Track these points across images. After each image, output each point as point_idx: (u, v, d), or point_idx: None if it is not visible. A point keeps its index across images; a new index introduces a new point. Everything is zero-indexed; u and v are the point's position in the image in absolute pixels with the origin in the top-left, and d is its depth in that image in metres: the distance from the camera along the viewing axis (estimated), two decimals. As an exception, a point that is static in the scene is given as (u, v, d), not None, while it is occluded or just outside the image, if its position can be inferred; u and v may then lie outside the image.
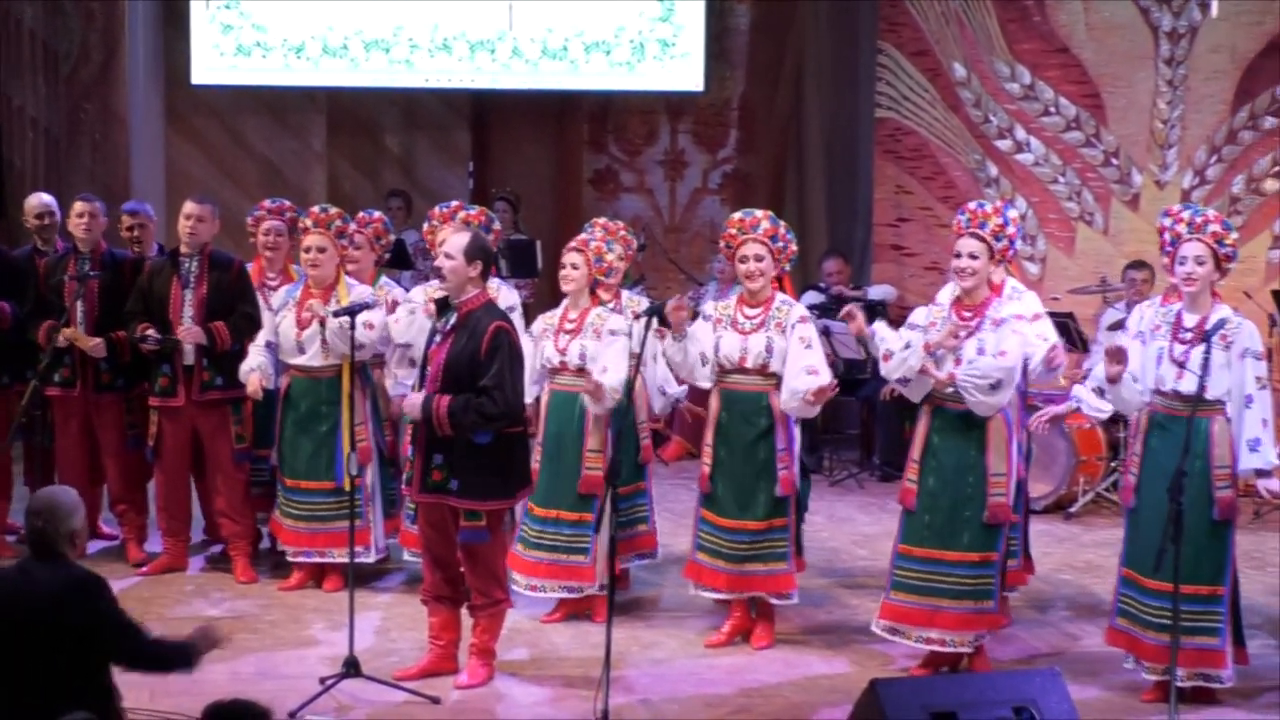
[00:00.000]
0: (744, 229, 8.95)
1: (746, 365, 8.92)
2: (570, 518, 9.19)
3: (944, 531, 8.42)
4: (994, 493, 8.36)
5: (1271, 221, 13.51)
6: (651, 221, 15.93)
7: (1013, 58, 14.07)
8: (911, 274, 14.54)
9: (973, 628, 8.44)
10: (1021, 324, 8.50)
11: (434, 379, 8.04)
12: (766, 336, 8.87)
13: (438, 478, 8.07)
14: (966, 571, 8.39)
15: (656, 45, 15.35)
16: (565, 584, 9.26)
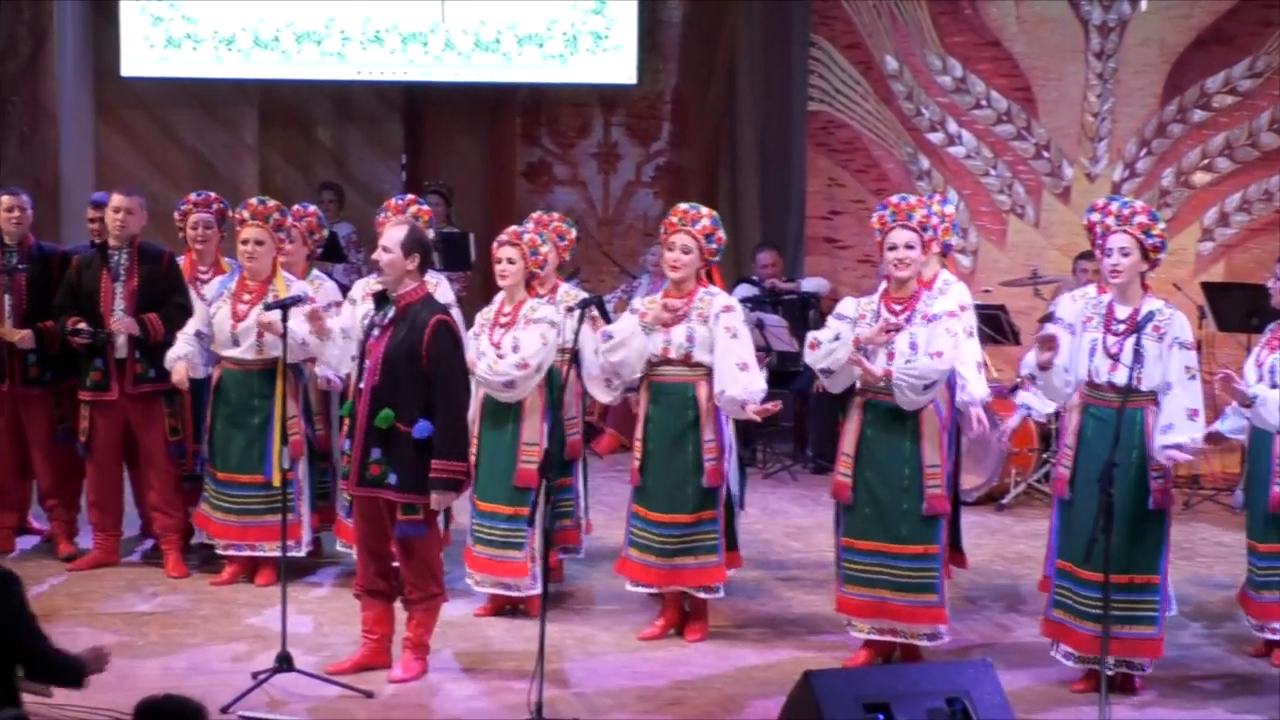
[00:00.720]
0: (684, 220, 8.96)
1: (670, 357, 8.93)
2: (506, 512, 9.18)
3: (885, 524, 8.46)
4: (930, 484, 8.40)
5: (1201, 214, 13.59)
6: (585, 214, 15.91)
7: (944, 51, 14.12)
8: (844, 266, 14.57)
9: (920, 620, 8.47)
10: (954, 322, 8.52)
11: (373, 371, 8.03)
12: (688, 327, 8.88)
13: (376, 472, 8.05)
14: (909, 564, 8.43)
15: (589, 38, 15.33)
16: (500, 579, 9.25)
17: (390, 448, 8.02)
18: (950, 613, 9.44)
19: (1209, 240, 13.60)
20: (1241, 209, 13.54)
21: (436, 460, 7.97)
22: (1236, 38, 13.45)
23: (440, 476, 7.98)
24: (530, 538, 9.11)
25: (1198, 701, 8.26)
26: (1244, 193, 13.52)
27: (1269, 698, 8.25)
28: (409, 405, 7.99)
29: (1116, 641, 8.06)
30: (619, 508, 10.61)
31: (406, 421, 7.99)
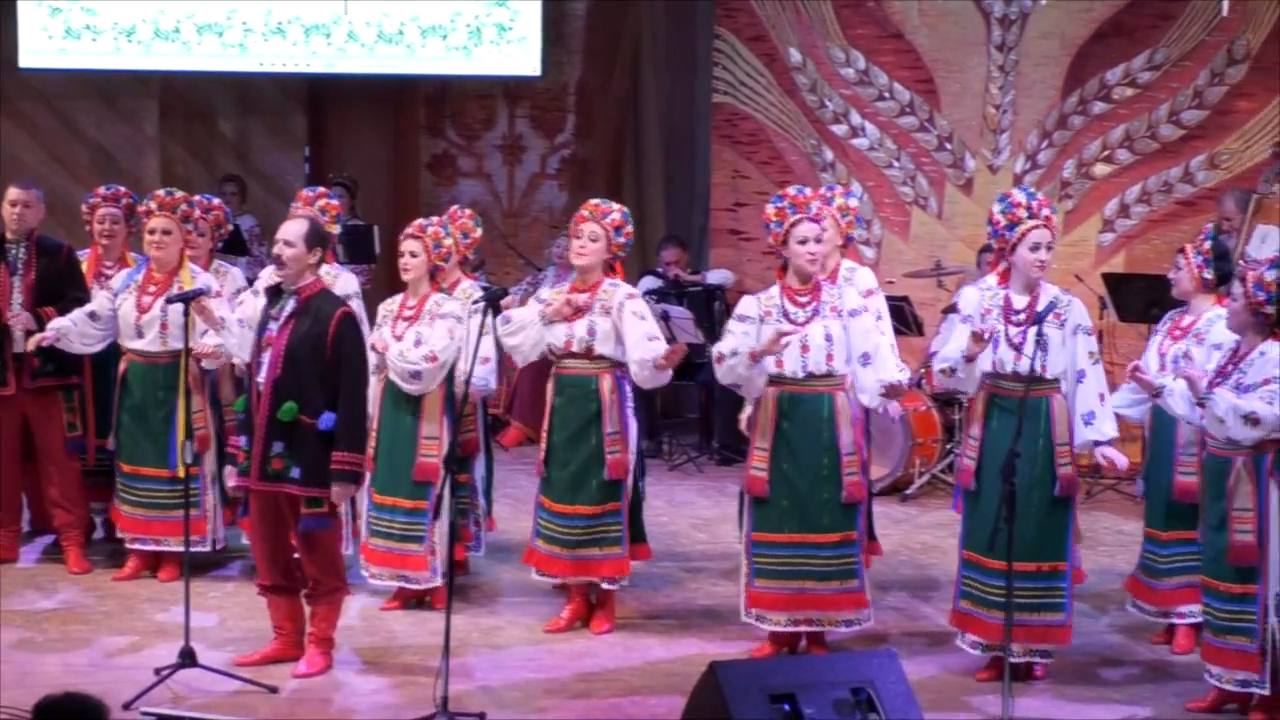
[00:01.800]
0: (593, 213, 8.98)
1: (573, 350, 8.93)
2: (406, 505, 9.16)
3: (804, 514, 8.48)
4: (848, 472, 8.46)
5: (1101, 205, 13.70)
6: (490, 207, 15.87)
7: (848, 43, 14.16)
8: (749, 259, 14.59)
9: (840, 607, 8.52)
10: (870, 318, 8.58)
11: (275, 364, 7.98)
12: (589, 321, 8.90)
13: (278, 466, 8.00)
14: (830, 552, 8.47)
15: (493, 30, 15.27)
16: (400, 572, 9.23)
17: (293, 441, 7.97)
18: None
19: (1109, 231, 13.71)
20: (1141, 200, 13.66)
21: (338, 452, 7.95)
22: (1136, 31, 13.57)
23: (342, 468, 7.96)
24: (430, 531, 9.09)
25: (1099, 688, 8.34)
26: (1144, 184, 13.64)
27: (1169, 684, 8.33)
28: (313, 397, 7.96)
29: (1025, 629, 8.13)
30: (525, 500, 10.61)
31: (311, 414, 7.95)
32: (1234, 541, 7.66)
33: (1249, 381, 7.63)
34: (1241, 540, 7.65)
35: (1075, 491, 8.33)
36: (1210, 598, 7.81)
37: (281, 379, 7.97)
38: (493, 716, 7.65)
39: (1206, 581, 7.84)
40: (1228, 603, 7.73)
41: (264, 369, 8.02)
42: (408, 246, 9.25)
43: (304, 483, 7.99)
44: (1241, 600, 7.71)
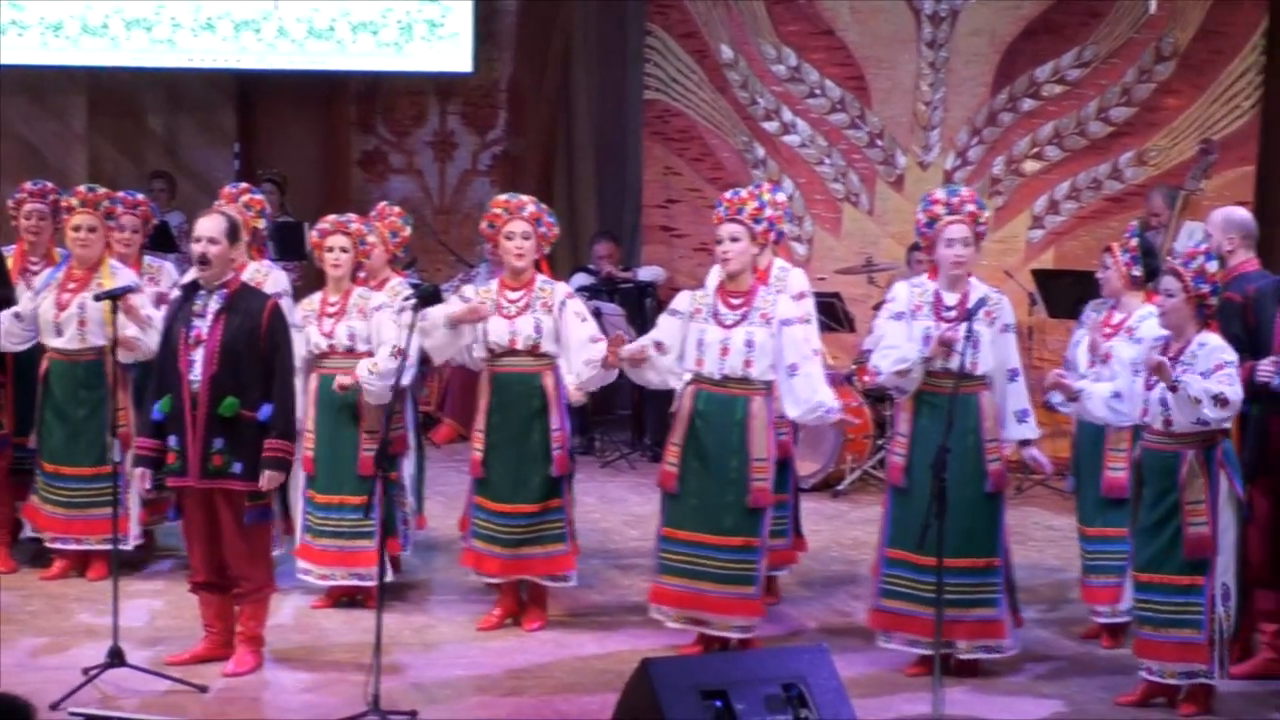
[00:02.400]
0: (510, 210, 8.96)
1: (517, 347, 8.91)
2: (353, 501, 9.14)
3: (707, 515, 8.49)
4: (756, 477, 8.44)
5: (1031, 202, 13.78)
6: (421, 203, 15.83)
7: (779, 40, 14.19)
8: (681, 255, 14.60)
9: (736, 612, 8.51)
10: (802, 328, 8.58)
11: (210, 361, 7.96)
12: (535, 317, 8.88)
13: (219, 462, 7.99)
14: (729, 556, 8.46)
15: (424, 26, 15.24)
16: (353, 570, 9.20)
17: (233, 436, 7.99)
18: (787, 598, 9.54)
19: (1039, 228, 13.79)
20: (1070, 197, 13.75)
21: (271, 440, 7.99)
22: (1064, 28, 13.65)
23: (275, 456, 8.01)
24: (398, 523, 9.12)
25: (1028, 682, 8.37)
26: (1073, 180, 13.73)
27: (1098, 679, 8.37)
28: (251, 391, 7.99)
29: (964, 625, 8.18)
30: (457, 498, 10.58)
31: (250, 407, 7.98)
32: (1189, 534, 7.69)
33: (1199, 370, 7.67)
34: (1196, 532, 7.69)
35: (1005, 487, 8.36)
36: (1151, 593, 7.80)
37: (219, 375, 7.96)
38: (424, 714, 7.64)
39: (1146, 578, 7.82)
40: (1173, 595, 7.76)
41: (196, 367, 7.98)
42: (336, 242, 9.22)
43: (246, 477, 8.00)
44: (1188, 592, 7.75)
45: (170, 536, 10.01)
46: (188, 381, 8.02)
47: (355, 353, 9.16)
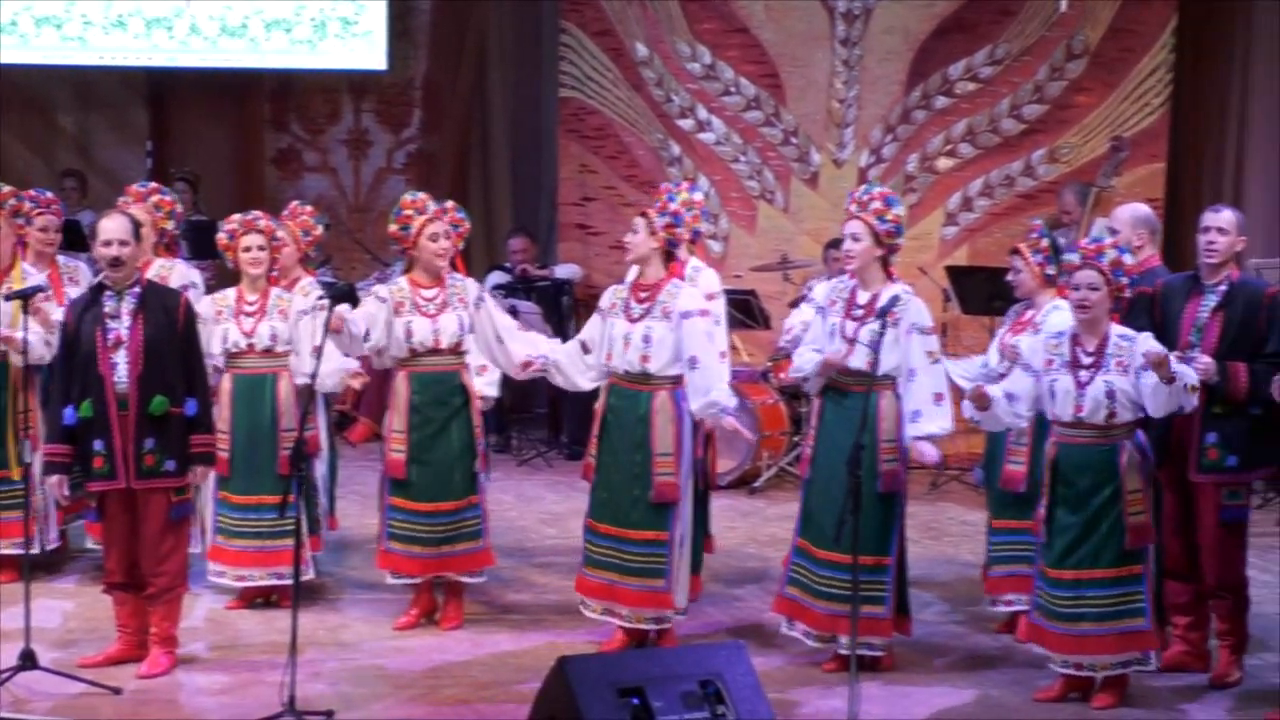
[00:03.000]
0: (419, 209, 8.94)
1: (442, 346, 8.89)
2: (271, 501, 9.09)
3: (617, 508, 8.53)
4: (660, 472, 8.45)
5: (945, 199, 13.85)
6: (336, 202, 15.77)
7: (694, 38, 14.20)
8: (597, 253, 14.59)
9: (644, 605, 8.53)
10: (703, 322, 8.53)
11: (135, 360, 7.95)
12: (458, 315, 8.89)
13: (150, 462, 8.00)
14: (638, 549, 8.50)
15: (338, 23, 15.18)
16: (273, 570, 9.17)
17: (163, 435, 8.00)
18: (703, 595, 9.55)
19: (953, 225, 13.86)
20: (984, 194, 13.82)
21: (196, 435, 8.02)
22: (977, 26, 13.73)
23: (203, 450, 8.06)
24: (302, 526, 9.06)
25: (942, 677, 8.42)
26: (986, 178, 13.80)
27: (1009, 671, 8.42)
28: (176, 387, 8.01)
29: (848, 620, 8.20)
30: (372, 497, 10.53)
31: (177, 404, 8.00)
32: (1131, 524, 7.78)
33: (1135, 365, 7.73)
34: (1138, 521, 7.79)
35: (900, 488, 8.38)
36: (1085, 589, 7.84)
37: (145, 375, 7.96)
38: (341, 715, 7.61)
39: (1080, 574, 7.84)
40: (1113, 588, 7.83)
41: (120, 368, 7.95)
42: (251, 240, 9.18)
43: (179, 474, 8.05)
44: (1129, 582, 7.83)
45: (83, 537, 9.93)
46: (112, 384, 7.98)
47: (274, 353, 9.15)
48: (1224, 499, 8.23)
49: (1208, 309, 8.28)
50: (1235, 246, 8.35)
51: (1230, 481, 8.23)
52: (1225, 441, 8.19)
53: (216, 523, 9.23)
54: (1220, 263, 8.31)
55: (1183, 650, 8.49)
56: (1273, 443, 8.32)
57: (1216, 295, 8.28)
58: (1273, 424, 8.23)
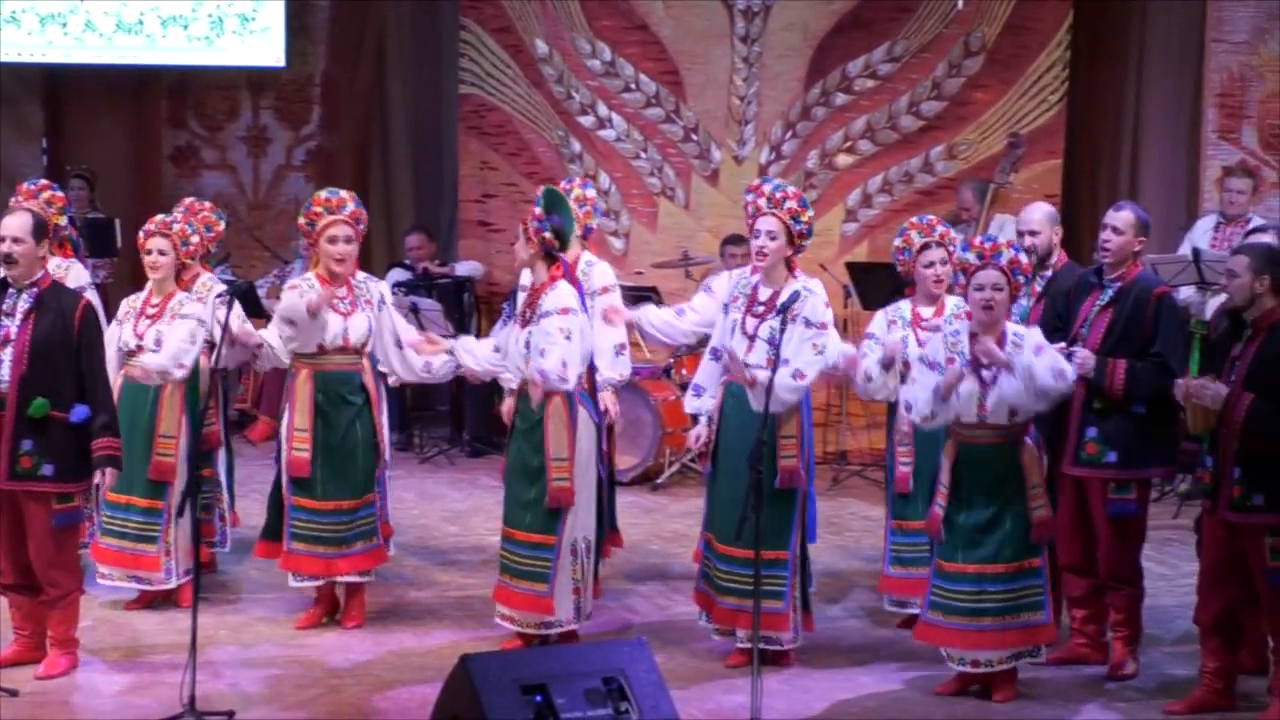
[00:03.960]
0: (330, 209, 8.90)
1: (350, 344, 8.86)
2: (142, 504, 9.07)
3: (511, 510, 8.55)
4: (555, 477, 8.43)
5: (844, 195, 13.91)
6: (234, 199, 15.66)
7: (593, 35, 14.20)
8: (498, 250, 14.55)
9: (531, 609, 8.51)
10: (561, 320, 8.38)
11: (19, 361, 7.86)
12: (367, 315, 8.88)
13: (27, 464, 7.89)
14: (527, 552, 8.49)
15: (236, 20, 15.08)
16: (133, 573, 9.14)
17: (43, 438, 7.89)
18: (607, 592, 9.55)
19: (853, 221, 13.92)
20: (883, 190, 13.89)
21: (99, 440, 7.90)
22: (875, 23, 13.79)
23: (106, 454, 7.93)
24: (165, 532, 9.03)
25: (844, 671, 8.46)
26: (885, 174, 13.87)
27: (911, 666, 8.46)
28: (63, 391, 7.90)
29: (747, 615, 8.22)
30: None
31: (62, 408, 7.88)
32: (1036, 518, 7.84)
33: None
34: (1041, 516, 7.84)
35: (800, 484, 8.41)
36: (987, 584, 7.89)
37: (29, 376, 7.87)
38: (242, 714, 7.57)
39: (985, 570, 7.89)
40: (1014, 582, 7.88)
41: (4, 367, 7.87)
42: (155, 244, 9.11)
43: (57, 479, 7.91)
44: (1029, 575, 7.89)
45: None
46: (-4, 381, 7.90)
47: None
48: (1110, 494, 8.33)
49: (1100, 303, 8.38)
50: (1131, 246, 8.43)
51: (1114, 477, 8.32)
52: (1105, 437, 8.27)
53: (99, 518, 9.16)
54: (1115, 261, 8.39)
55: (1080, 643, 8.57)
56: (1162, 443, 8.41)
57: (1112, 290, 8.38)
58: (1160, 424, 8.32)
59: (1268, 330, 7.55)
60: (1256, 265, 7.57)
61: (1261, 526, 7.51)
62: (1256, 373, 7.50)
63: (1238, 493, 7.54)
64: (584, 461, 8.52)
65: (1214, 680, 7.84)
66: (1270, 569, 7.54)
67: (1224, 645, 7.81)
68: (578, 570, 8.54)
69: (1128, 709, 8.01)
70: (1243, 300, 7.61)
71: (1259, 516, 7.51)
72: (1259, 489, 7.50)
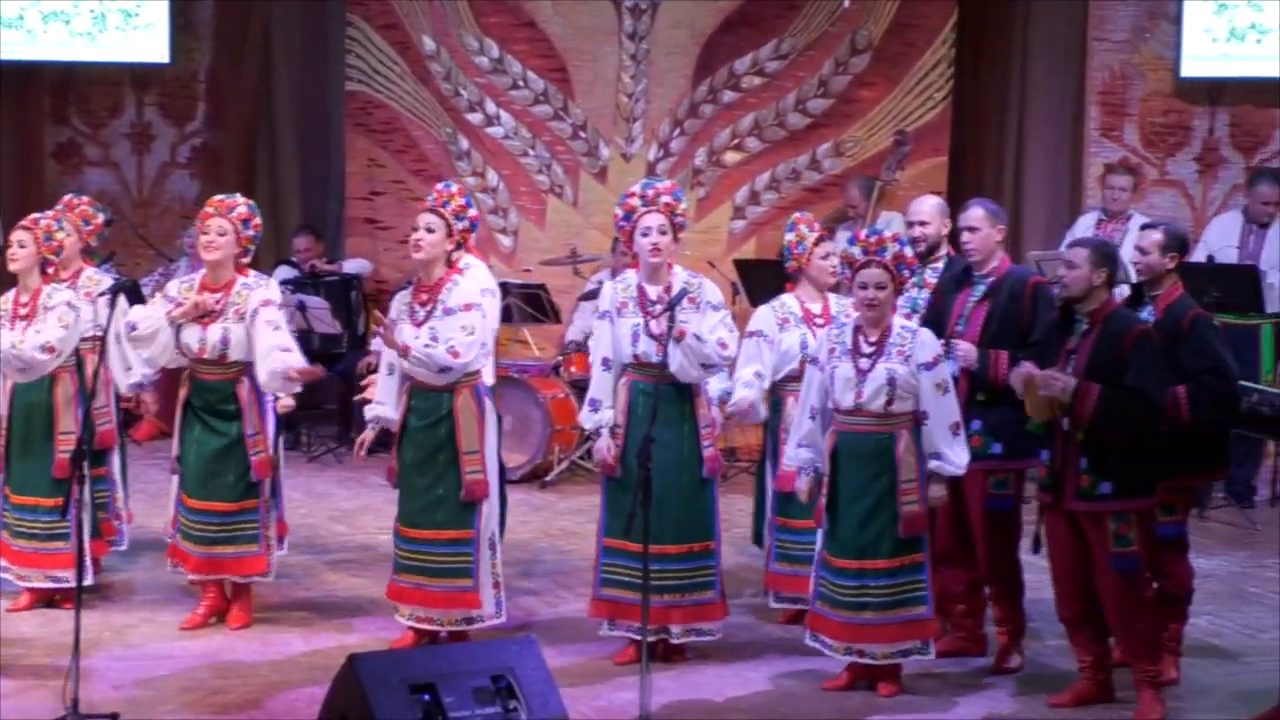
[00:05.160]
0: (220, 208, 8.85)
1: (205, 357, 8.79)
2: (47, 504, 8.97)
3: (423, 510, 8.49)
4: (469, 470, 8.43)
5: (732, 192, 13.96)
6: (118, 196, 15.51)
7: (481, 32, 14.18)
8: (386, 248, 14.52)
9: (452, 606, 8.50)
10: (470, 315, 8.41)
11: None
12: (223, 328, 8.76)
13: None
14: (446, 550, 8.46)
15: (119, 15, 14.94)
16: (49, 573, 9.05)
17: None
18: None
19: (741, 218, 13.98)
20: (771, 187, 13.95)
21: None
22: (762, 21, 13.86)
23: None
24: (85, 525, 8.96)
25: (733, 667, 8.47)
26: (773, 171, 13.93)
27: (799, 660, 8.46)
28: None
29: (680, 610, 8.30)
30: (160, 495, 10.44)
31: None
32: (905, 513, 7.87)
33: (922, 359, 7.84)
34: (911, 511, 7.88)
35: (719, 472, 8.49)
36: (868, 578, 7.91)
37: None
38: (126, 717, 7.49)
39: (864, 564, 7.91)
40: (894, 577, 7.91)
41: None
42: (16, 237, 9.08)
43: None
44: (909, 571, 7.93)
45: None
46: None
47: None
48: (990, 488, 8.40)
49: (974, 298, 8.46)
50: (992, 239, 8.51)
51: (996, 469, 8.39)
52: (989, 429, 8.36)
53: (2, 519, 9.08)
54: (982, 258, 8.48)
55: (960, 637, 8.64)
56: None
57: (984, 285, 8.46)
58: None
59: (1103, 322, 7.66)
60: (1095, 259, 7.67)
61: (1105, 513, 7.60)
62: (1096, 364, 7.60)
63: (1086, 482, 7.62)
64: (492, 454, 8.58)
65: (1094, 672, 7.92)
66: (1114, 554, 7.62)
67: (1093, 637, 7.89)
68: (496, 564, 8.59)
69: (1012, 702, 8.07)
70: (1079, 292, 7.70)
71: (1106, 504, 7.61)
72: (1106, 477, 7.59)
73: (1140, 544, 7.65)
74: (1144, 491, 7.66)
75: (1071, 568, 7.82)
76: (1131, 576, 7.65)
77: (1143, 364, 7.54)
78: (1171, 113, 13.59)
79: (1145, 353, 7.57)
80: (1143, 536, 7.67)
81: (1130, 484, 7.61)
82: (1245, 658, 8.70)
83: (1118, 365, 7.55)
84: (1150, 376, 7.54)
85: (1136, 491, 7.63)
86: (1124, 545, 7.63)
